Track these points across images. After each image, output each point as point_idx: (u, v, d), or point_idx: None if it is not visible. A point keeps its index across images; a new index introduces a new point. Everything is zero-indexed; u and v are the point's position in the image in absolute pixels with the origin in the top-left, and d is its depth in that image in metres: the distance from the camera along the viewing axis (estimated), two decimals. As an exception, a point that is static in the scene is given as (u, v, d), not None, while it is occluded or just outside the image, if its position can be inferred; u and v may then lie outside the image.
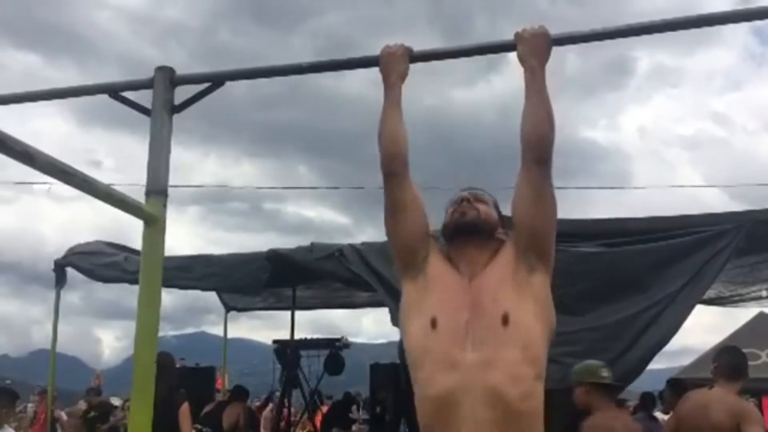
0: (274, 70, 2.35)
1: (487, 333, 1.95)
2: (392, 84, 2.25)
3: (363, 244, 5.53)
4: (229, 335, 8.63)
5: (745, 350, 4.63)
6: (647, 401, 7.32)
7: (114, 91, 2.25)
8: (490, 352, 1.92)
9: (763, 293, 6.29)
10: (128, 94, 2.26)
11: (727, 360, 4.01)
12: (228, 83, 2.30)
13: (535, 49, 2.13)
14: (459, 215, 2.16)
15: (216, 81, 2.24)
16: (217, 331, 11.57)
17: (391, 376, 7.35)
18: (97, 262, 6.48)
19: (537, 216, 2.06)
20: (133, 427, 1.38)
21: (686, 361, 11.49)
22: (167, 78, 2.19)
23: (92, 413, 7.44)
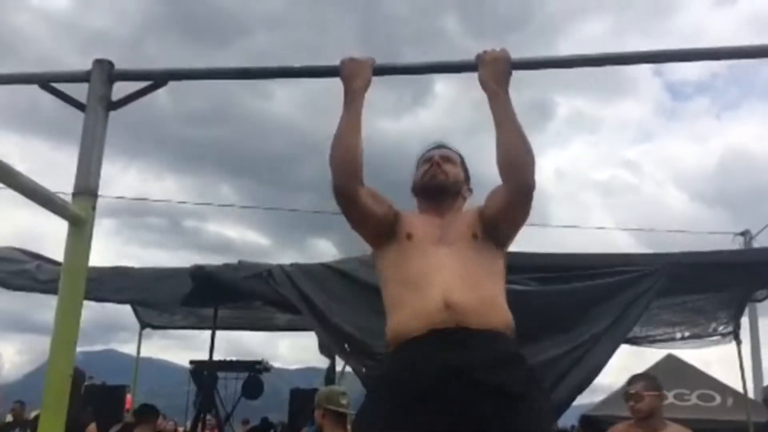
0: (220, 72, 2.24)
1: (459, 240, 2.12)
2: (356, 90, 2.12)
3: (292, 265, 5.37)
4: (141, 354, 8.25)
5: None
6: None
7: (45, 81, 2.08)
8: (461, 251, 2.09)
9: (677, 335, 6.48)
10: (61, 87, 2.11)
11: None
12: (169, 86, 2.17)
13: (496, 72, 2.10)
14: (429, 178, 2.29)
15: (158, 79, 2.09)
16: (127, 349, 11.04)
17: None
18: (6, 269, 6.06)
19: (507, 219, 2.16)
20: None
21: (596, 398, 11.72)
22: (105, 71, 2.04)
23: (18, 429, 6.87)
